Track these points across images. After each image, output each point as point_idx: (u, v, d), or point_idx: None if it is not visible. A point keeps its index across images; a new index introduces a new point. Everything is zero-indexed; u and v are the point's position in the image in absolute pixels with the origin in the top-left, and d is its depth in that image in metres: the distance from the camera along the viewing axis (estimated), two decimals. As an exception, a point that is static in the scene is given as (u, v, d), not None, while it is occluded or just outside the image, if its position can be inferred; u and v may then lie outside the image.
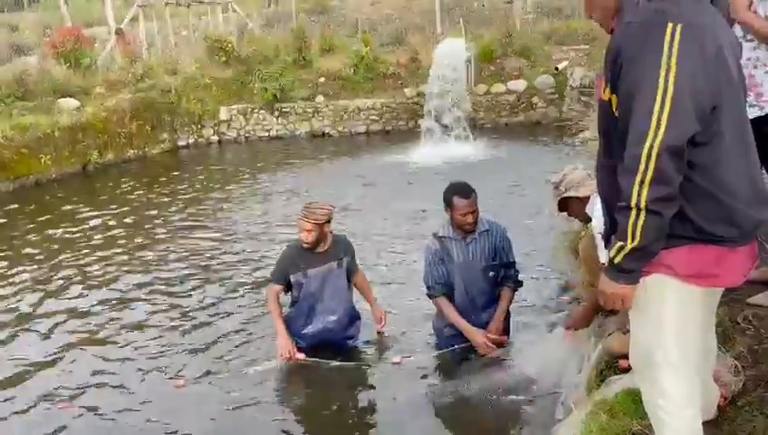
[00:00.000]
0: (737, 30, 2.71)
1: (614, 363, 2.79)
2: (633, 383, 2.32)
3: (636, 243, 1.68)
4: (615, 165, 1.74)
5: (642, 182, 1.63)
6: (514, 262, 3.82)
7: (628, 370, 2.65)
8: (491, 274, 3.70)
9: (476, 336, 3.60)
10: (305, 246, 3.86)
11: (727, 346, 2.46)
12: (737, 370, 2.28)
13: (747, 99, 2.61)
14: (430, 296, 3.81)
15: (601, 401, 2.47)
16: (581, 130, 7.82)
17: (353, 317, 4.12)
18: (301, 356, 3.83)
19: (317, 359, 3.84)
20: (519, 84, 12.05)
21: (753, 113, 2.57)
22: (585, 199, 3.04)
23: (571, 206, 3.18)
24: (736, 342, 2.49)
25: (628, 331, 2.77)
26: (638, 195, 1.63)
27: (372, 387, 3.73)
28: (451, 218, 3.65)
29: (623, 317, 2.86)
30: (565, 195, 3.13)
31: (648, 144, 1.61)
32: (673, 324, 1.81)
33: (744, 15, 2.70)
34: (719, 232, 1.73)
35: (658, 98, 1.61)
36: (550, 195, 3.12)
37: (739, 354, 2.40)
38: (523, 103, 12.05)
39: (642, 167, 1.62)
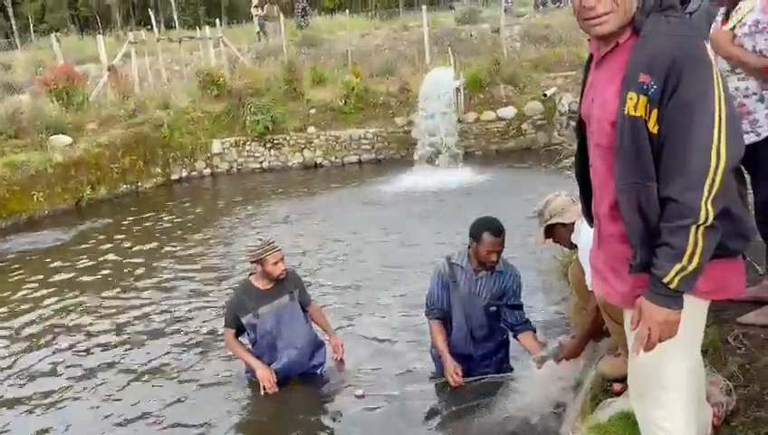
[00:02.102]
0: (722, 63, 2.73)
1: (607, 387, 2.79)
2: (627, 406, 2.31)
3: (696, 262, 1.61)
4: (646, 185, 1.67)
5: (711, 197, 1.58)
6: (521, 305, 3.75)
7: (621, 393, 2.65)
8: (491, 309, 3.66)
9: (449, 365, 3.58)
10: (283, 275, 3.93)
11: (719, 366, 2.47)
12: (729, 389, 2.28)
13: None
14: (426, 314, 3.80)
15: (595, 426, 2.45)
16: (572, 155, 7.88)
17: (317, 345, 4.13)
18: (276, 389, 3.86)
19: (288, 392, 3.90)
20: (508, 111, 12.18)
21: (749, 139, 2.62)
22: (570, 226, 3.04)
23: (556, 233, 3.18)
24: (728, 361, 2.49)
25: (620, 354, 2.79)
26: (707, 211, 1.58)
27: (333, 419, 3.75)
28: (475, 252, 3.57)
29: (614, 341, 2.87)
30: (550, 222, 3.13)
31: (714, 159, 1.57)
32: (687, 342, 1.79)
33: (730, 50, 2.70)
34: (734, 246, 1.75)
35: (716, 116, 1.58)
36: (535, 222, 3.12)
37: (731, 374, 2.40)
38: (512, 130, 12.17)
39: (709, 182, 1.57)
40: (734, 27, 2.71)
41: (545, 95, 11.99)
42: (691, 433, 1.87)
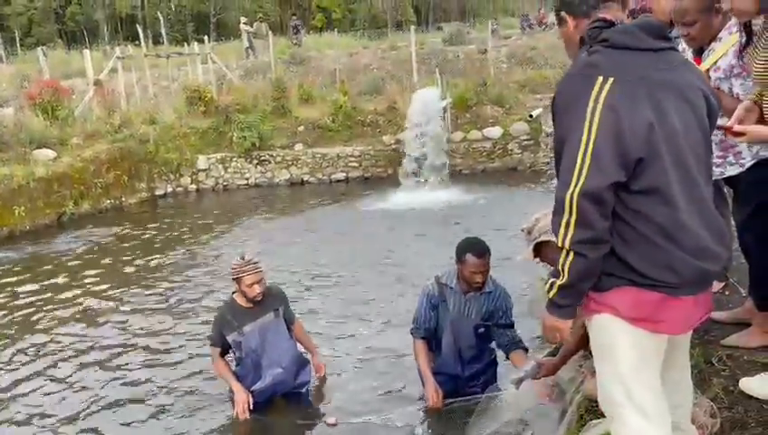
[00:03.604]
0: None
1: (594, 407, 2.77)
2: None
3: (564, 280, 1.77)
4: None
5: (567, 224, 1.73)
6: (513, 324, 3.73)
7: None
8: (480, 330, 3.64)
9: (429, 386, 3.56)
10: (259, 298, 3.85)
11: (703, 388, 2.47)
12: (714, 412, 2.28)
13: (726, 159, 2.73)
14: (412, 332, 3.77)
15: (581, 447, 2.44)
16: (555, 177, 7.94)
17: (301, 363, 4.10)
18: (247, 415, 3.78)
19: (264, 417, 3.83)
20: (495, 131, 12.27)
21: (735, 170, 2.75)
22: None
23: (545, 251, 3.18)
24: (712, 383, 2.50)
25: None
26: (564, 236, 1.74)
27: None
28: (460, 273, 3.58)
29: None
30: (539, 240, 3.13)
31: (570, 190, 1.71)
32: (628, 366, 1.84)
33: None
34: (657, 276, 1.76)
35: (581, 147, 1.70)
36: (523, 241, 3.12)
37: (715, 396, 2.40)
38: (499, 150, 12.25)
39: (567, 210, 1.72)
40: (708, 69, 2.75)
41: (531, 116, 12.10)
42: None
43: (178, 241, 8.70)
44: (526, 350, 3.72)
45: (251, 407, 3.79)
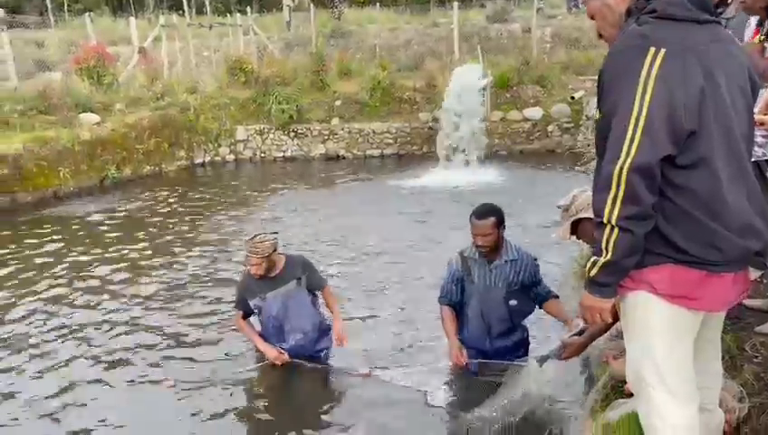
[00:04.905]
0: None
1: (620, 387, 2.77)
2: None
3: (608, 258, 1.74)
4: None
5: (614, 200, 1.69)
6: (541, 280, 3.71)
7: (633, 394, 2.63)
8: (512, 302, 3.60)
9: (454, 345, 3.57)
10: (257, 277, 3.91)
11: (734, 373, 2.44)
12: (743, 396, 2.25)
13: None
14: (439, 300, 3.80)
15: (605, 425, 2.44)
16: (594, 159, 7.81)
17: (323, 331, 4.17)
18: (285, 357, 3.96)
19: (300, 361, 3.99)
20: (535, 112, 12.09)
21: None
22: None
23: (582, 229, 3.14)
24: (743, 369, 2.47)
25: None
26: (610, 212, 1.70)
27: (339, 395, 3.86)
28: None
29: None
30: (576, 217, 3.10)
31: (619, 164, 1.67)
32: (660, 343, 1.82)
33: (757, 62, 2.65)
34: (699, 254, 1.74)
35: (632, 120, 1.66)
36: (558, 220, 3.09)
37: (746, 382, 2.37)
38: (538, 131, 12.08)
39: (614, 185, 1.68)
40: (763, 40, 2.67)
41: (573, 98, 11.86)
42: (686, 433, 1.87)
43: (215, 209, 8.86)
44: (557, 297, 3.70)
45: (280, 357, 3.96)
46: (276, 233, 4.04)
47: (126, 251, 6.94)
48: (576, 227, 3.17)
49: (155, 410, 3.80)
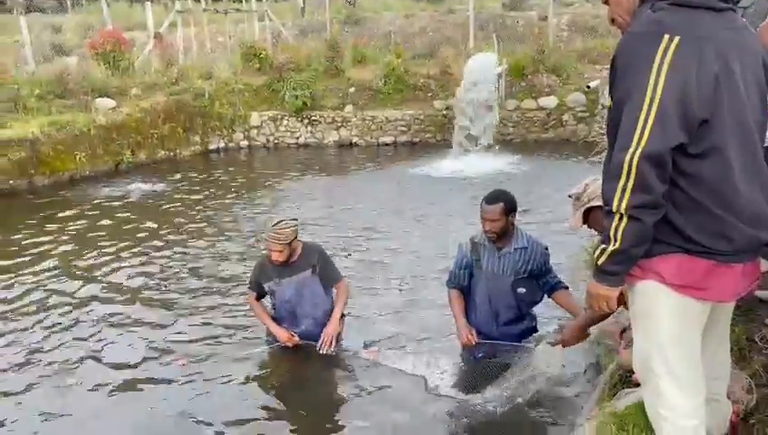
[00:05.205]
0: None
1: (628, 377, 2.77)
2: (645, 397, 2.30)
3: (616, 246, 1.73)
4: None
5: (624, 188, 1.67)
6: (551, 269, 3.70)
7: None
8: (519, 290, 3.60)
9: (462, 326, 3.59)
10: (277, 263, 3.91)
11: (743, 364, 2.43)
12: (751, 387, 2.25)
13: None
14: (447, 283, 3.82)
15: (611, 414, 2.45)
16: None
17: None
18: (296, 339, 3.99)
19: (309, 341, 4.01)
20: (550, 101, 12.00)
21: None
22: None
23: (593, 217, 3.13)
24: (752, 360, 2.46)
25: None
26: (620, 201, 1.69)
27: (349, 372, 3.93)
28: None
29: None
30: (589, 205, 3.08)
31: (630, 151, 1.66)
32: (667, 333, 1.82)
33: None
34: (709, 244, 1.73)
35: (644, 108, 1.64)
36: (569, 209, 3.08)
37: (754, 373, 2.37)
38: (553, 120, 12.00)
39: (624, 174, 1.67)
40: None
41: (589, 87, 11.77)
42: (693, 422, 1.86)
43: (229, 194, 8.91)
44: (567, 288, 3.69)
45: (291, 338, 3.99)
46: (296, 220, 4.02)
47: (140, 234, 7.01)
48: (588, 216, 3.16)
49: (167, 389, 3.85)
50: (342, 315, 4.14)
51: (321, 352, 3.92)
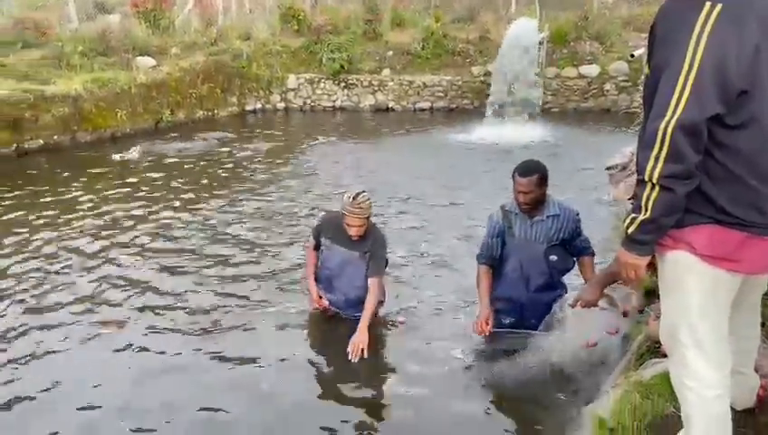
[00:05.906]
0: None
1: (656, 348, 2.77)
2: (671, 367, 2.31)
3: (647, 215, 1.72)
4: None
5: (657, 157, 1.66)
6: (581, 233, 3.65)
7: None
8: (551, 257, 3.58)
9: (483, 311, 3.56)
10: (354, 238, 3.85)
11: (774, 340, 2.41)
12: (780, 363, 2.24)
13: None
14: (477, 258, 3.82)
15: (636, 382, 2.47)
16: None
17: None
18: (325, 303, 4.04)
19: (338, 311, 4.05)
20: (591, 69, 11.74)
21: None
22: None
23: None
24: (784, 337, 2.43)
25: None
26: (652, 170, 1.67)
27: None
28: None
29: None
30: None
31: (665, 120, 1.63)
32: (697, 304, 1.81)
33: None
34: (742, 215, 1.71)
35: (682, 75, 1.61)
36: (607, 181, 3.04)
37: (785, 349, 2.34)
38: (594, 89, 11.75)
39: (658, 142, 1.65)
40: None
41: (632, 56, 11.39)
42: (717, 392, 1.87)
43: (266, 156, 9.01)
44: (593, 254, 3.68)
45: (320, 304, 4.05)
46: (365, 191, 3.88)
47: (180, 193, 7.15)
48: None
49: (193, 352, 3.83)
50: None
51: (352, 360, 3.64)
